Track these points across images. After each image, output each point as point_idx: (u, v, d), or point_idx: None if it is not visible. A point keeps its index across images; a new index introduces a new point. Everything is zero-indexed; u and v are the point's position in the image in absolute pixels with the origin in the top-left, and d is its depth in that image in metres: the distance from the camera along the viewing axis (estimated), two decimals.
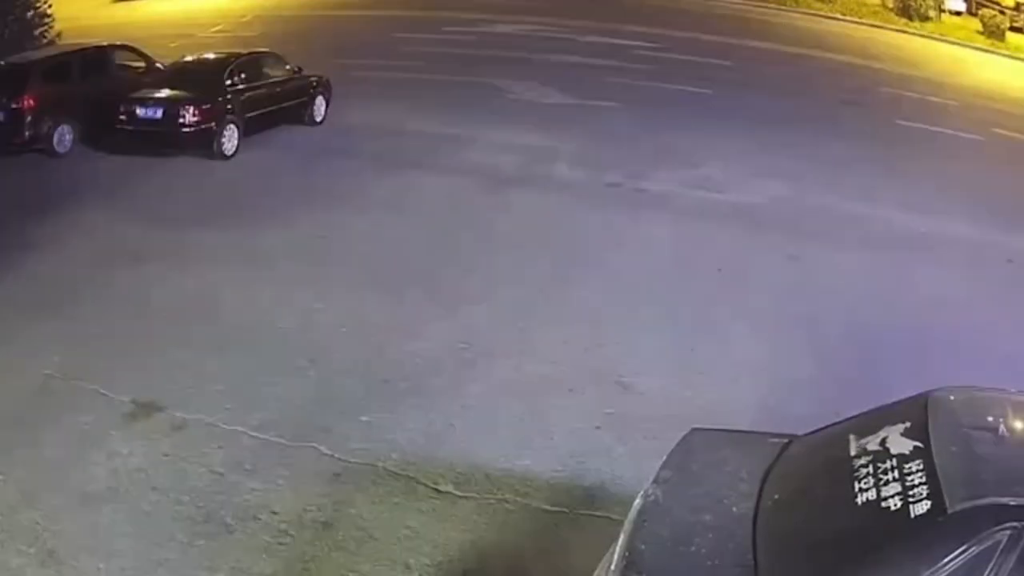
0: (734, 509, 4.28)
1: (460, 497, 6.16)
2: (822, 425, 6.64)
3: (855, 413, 7.22)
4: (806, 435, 4.80)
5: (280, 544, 5.70)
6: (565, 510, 6.07)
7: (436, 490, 6.22)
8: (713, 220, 11.56)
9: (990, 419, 4.23)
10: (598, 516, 5.99)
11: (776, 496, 4.28)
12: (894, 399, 7.46)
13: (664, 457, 4.77)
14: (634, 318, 8.78)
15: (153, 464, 6.45)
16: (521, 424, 7.01)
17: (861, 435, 4.34)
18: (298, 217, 11.20)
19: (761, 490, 4.34)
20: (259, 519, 5.92)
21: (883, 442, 4.20)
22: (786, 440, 4.79)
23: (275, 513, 5.97)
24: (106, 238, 10.60)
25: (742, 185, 12.93)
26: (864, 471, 4.07)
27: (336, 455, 6.55)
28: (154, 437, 6.77)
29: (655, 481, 4.51)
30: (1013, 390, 4.68)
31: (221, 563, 5.54)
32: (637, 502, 4.44)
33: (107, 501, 6.07)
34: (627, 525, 4.35)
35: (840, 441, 4.39)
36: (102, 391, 7.31)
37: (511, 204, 11.94)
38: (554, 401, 7.34)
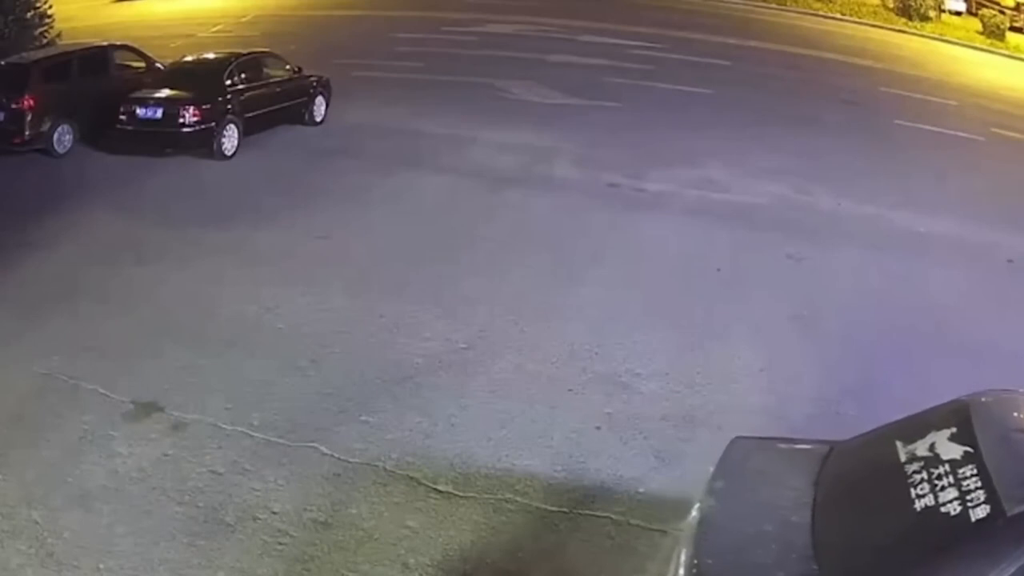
0: (793, 518, 4.32)
1: (460, 497, 6.16)
2: (823, 425, 6.65)
3: (855, 412, 7.26)
4: (847, 442, 4.83)
5: (280, 544, 5.71)
6: (565, 510, 6.07)
7: (436, 490, 6.22)
8: (713, 220, 11.56)
9: None
10: (598, 516, 6.00)
11: (831, 504, 4.33)
12: (894, 399, 7.48)
13: (712, 467, 4.79)
14: (634, 318, 8.78)
15: (153, 464, 6.45)
16: (521, 424, 7.01)
17: (907, 441, 4.39)
18: (298, 217, 11.20)
19: (815, 498, 4.38)
20: (259, 519, 5.92)
21: (932, 447, 4.26)
22: (828, 447, 4.82)
23: (275, 513, 5.97)
24: (106, 238, 10.59)
25: (742, 185, 12.94)
26: (918, 477, 4.13)
27: (336, 455, 6.55)
28: (154, 437, 6.76)
29: (709, 492, 4.53)
30: None
31: (221, 563, 5.55)
32: (694, 514, 4.47)
33: (107, 501, 6.07)
34: (687, 538, 4.36)
35: (886, 447, 4.43)
36: (102, 391, 7.30)
37: (511, 204, 11.94)
38: (554, 401, 7.34)
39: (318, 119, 15.39)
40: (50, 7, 18.24)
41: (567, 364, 7.93)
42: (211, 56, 15.09)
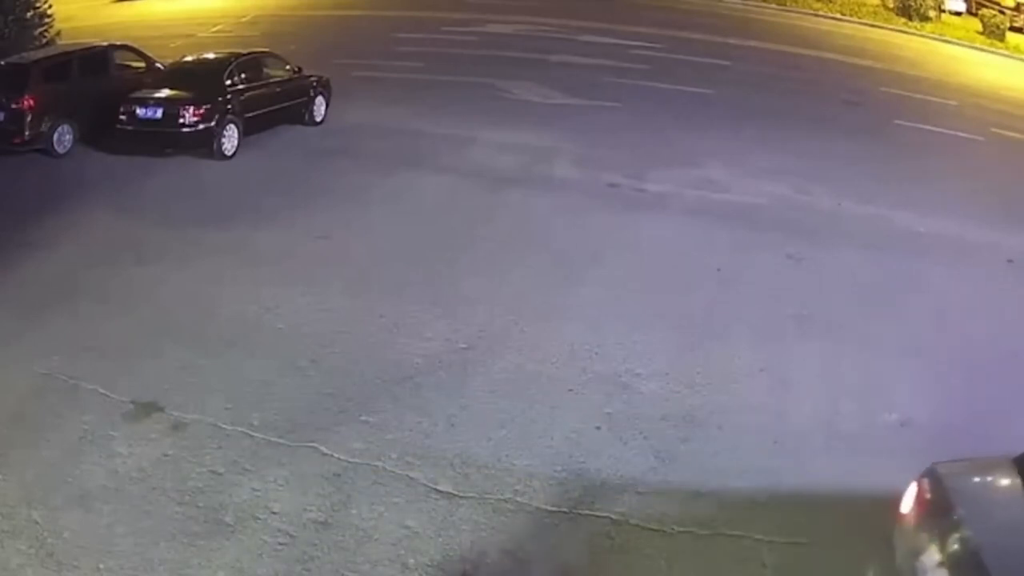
0: None
1: (460, 497, 6.16)
2: (824, 424, 6.66)
3: (855, 412, 7.26)
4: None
5: (280, 544, 5.71)
6: (565, 510, 6.07)
7: (436, 490, 6.22)
8: (713, 220, 11.56)
9: None
10: (598, 516, 6.00)
11: None
12: (894, 398, 7.49)
13: (907, 496, 4.84)
14: (634, 318, 8.78)
15: (153, 464, 6.45)
16: (521, 424, 7.01)
17: None
18: (298, 217, 11.20)
19: None
20: (259, 519, 5.92)
21: None
22: (1009, 461, 4.89)
23: (275, 513, 5.97)
24: (106, 238, 10.60)
25: (742, 185, 12.94)
26: None
27: (336, 455, 6.56)
28: (154, 437, 6.77)
29: (960, 523, 4.52)
30: None
31: (221, 563, 5.55)
32: (955, 547, 4.47)
33: (107, 501, 6.07)
34: (967, 572, 4.36)
35: None
36: (102, 391, 7.30)
37: (511, 204, 11.94)
38: (554, 401, 7.34)
39: (318, 119, 15.39)
40: (50, 7, 18.24)
41: (567, 364, 7.93)
42: (211, 56, 15.08)
